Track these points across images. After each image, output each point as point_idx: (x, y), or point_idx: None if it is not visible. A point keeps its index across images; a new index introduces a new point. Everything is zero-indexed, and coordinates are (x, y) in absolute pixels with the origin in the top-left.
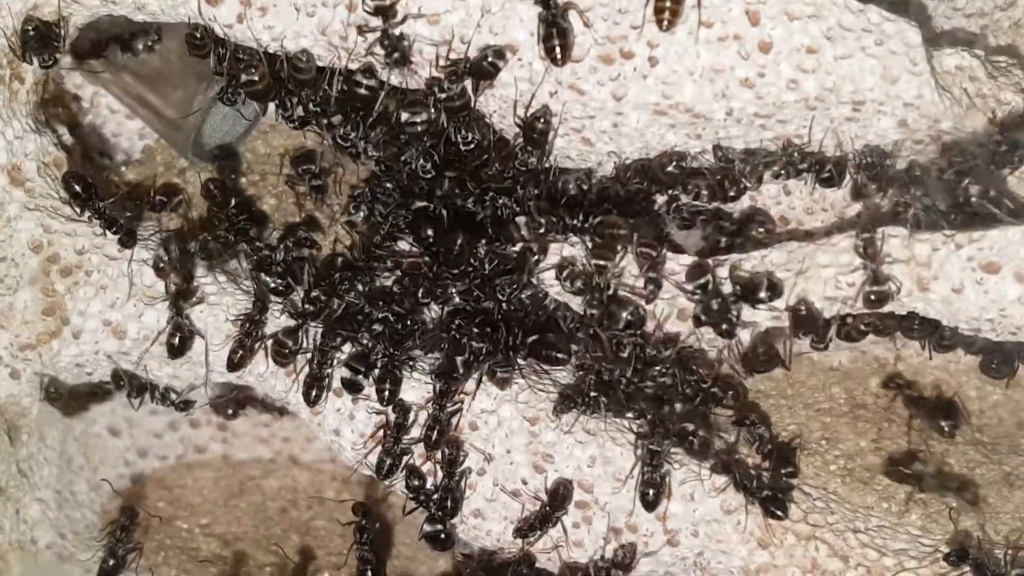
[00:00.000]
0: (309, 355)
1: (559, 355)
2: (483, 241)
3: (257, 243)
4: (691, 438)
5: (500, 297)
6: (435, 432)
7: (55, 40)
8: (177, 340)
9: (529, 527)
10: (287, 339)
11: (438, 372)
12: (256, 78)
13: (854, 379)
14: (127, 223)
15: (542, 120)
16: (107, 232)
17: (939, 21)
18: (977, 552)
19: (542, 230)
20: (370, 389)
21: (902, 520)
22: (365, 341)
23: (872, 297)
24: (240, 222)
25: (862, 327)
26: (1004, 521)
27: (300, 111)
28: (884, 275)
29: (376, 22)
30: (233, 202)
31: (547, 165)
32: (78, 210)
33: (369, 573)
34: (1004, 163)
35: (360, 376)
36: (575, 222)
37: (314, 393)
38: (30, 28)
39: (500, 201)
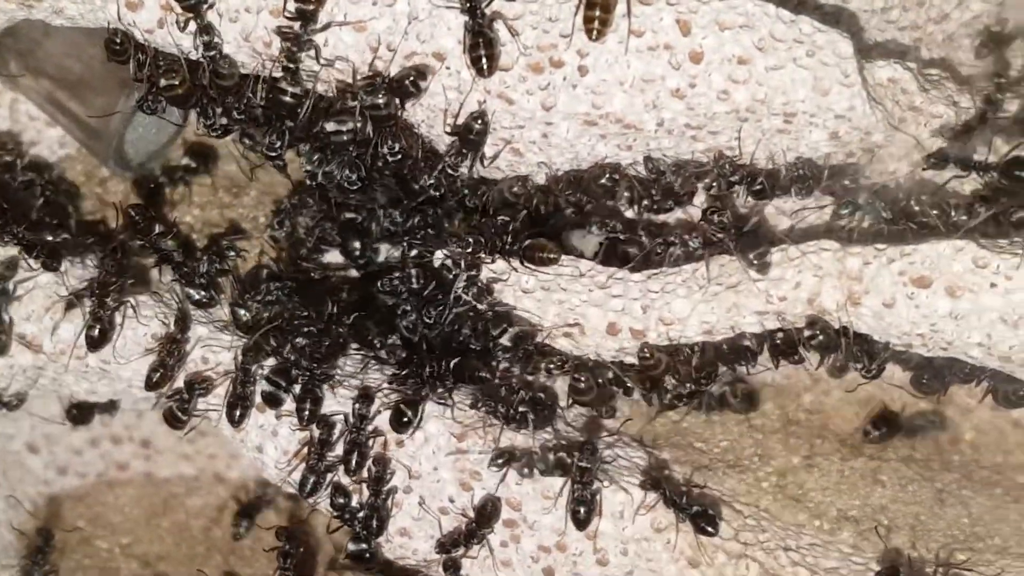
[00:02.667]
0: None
1: (484, 375)
2: (412, 253)
3: (184, 267)
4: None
5: (427, 320)
6: (354, 456)
7: None
8: (97, 332)
9: (452, 543)
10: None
11: (360, 395)
12: (176, 82)
13: (787, 395)
14: (49, 245)
15: (479, 121)
16: (28, 258)
17: (872, 33)
18: (908, 570)
19: (470, 249)
20: (293, 405)
21: (834, 538)
22: (288, 355)
23: None
24: (164, 248)
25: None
26: (935, 538)
27: (223, 119)
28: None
29: (296, 27)
30: (157, 229)
31: (477, 175)
32: None
33: None
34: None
35: (280, 391)
36: (503, 244)
37: (238, 413)
38: None
39: (430, 214)
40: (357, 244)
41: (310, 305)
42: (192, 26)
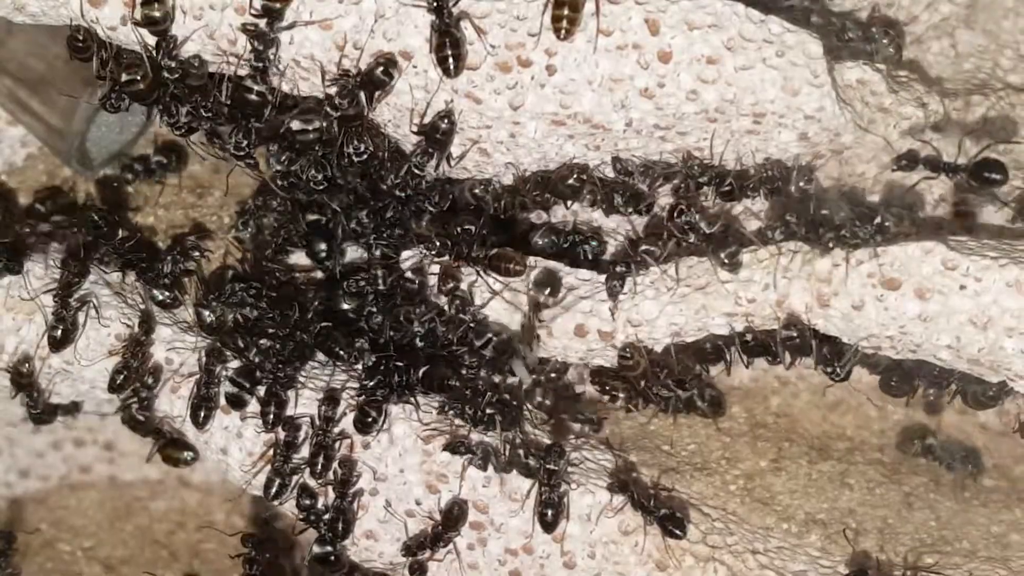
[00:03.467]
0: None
1: (452, 383)
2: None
3: (148, 270)
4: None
5: (398, 326)
6: (320, 459)
7: None
8: (60, 333)
9: (418, 545)
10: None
11: (326, 397)
12: (137, 77)
13: (754, 398)
14: (9, 247)
15: (446, 120)
16: None
17: (841, 33)
18: (876, 573)
19: (435, 252)
20: (258, 407)
21: (801, 541)
22: (252, 357)
23: None
24: (128, 253)
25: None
26: (903, 542)
27: (187, 118)
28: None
29: (262, 25)
30: (121, 234)
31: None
32: None
33: None
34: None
35: (244, 392)
36: (469, 251)
37: (202, 415)
38: None
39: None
40: (323, 246)
41: (279, 308)
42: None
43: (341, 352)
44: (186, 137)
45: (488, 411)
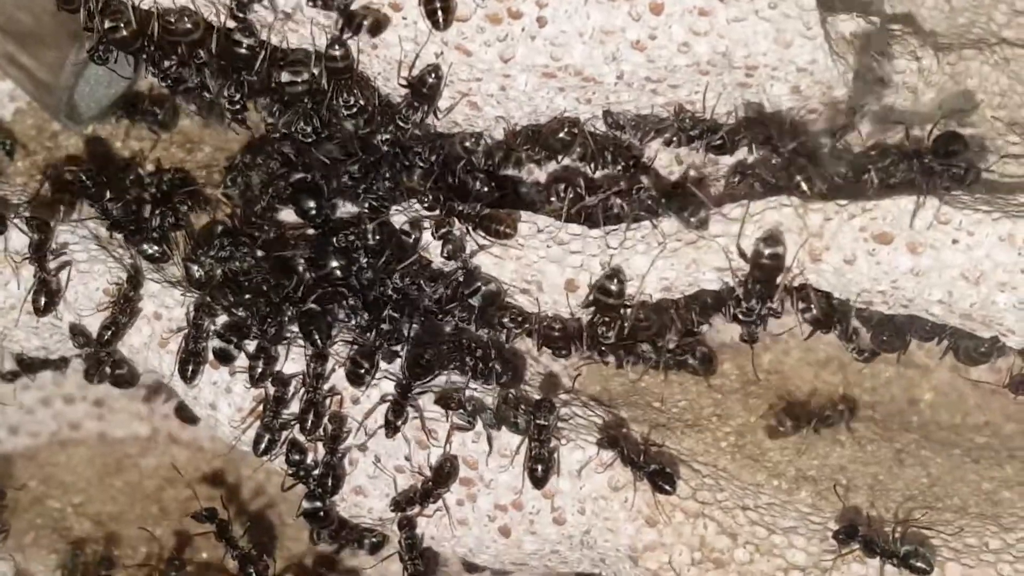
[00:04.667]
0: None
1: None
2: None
3: (136, 233)
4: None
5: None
6: (310, 416)
7: None
8: (43, 297)
9: (407, 501)
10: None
11: (315, 353)
12: (120, 24)
13: (745, 355)
14: None
15: (432, 75)
16: None
17: None
18: (866, 529)
19: (427, 206)
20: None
21: (792, 498)
22: (241, 313)
23: None
24: (116, 215)
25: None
26: (894, 499)
27: (175, 69)
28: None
29: None
30: (108, 194)
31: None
32: None
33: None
34: None
35: (232, 347)
36: (461, 208)
37: (190, 369)
38: None
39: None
40: (311, 203)
41: (271, 274)
42: None
43: (318, 339)
44: (174, 89)
45: (493, 365)
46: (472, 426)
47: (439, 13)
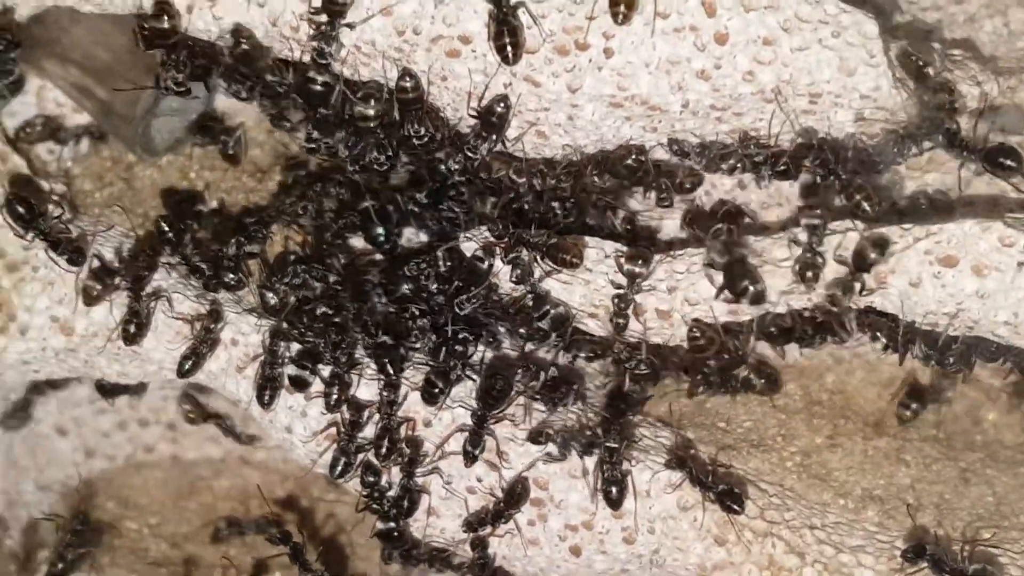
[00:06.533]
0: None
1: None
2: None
3: (212, 279)
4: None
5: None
6: (385, 442)
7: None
8: (133, 327)
9: (479, 521)
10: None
11: (387, 382)
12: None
13: (809, 375)
14: (74, 241)
15: (502, 104)
16: (53, 253)
17: (895, 14)
18: (934, 548)
19: (496, 235)
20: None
21: (859, 516)
22: (315, 340)
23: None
24: (194, 260)
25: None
26: (960, 517)
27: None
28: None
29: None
30: (188, 240)
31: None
32: (22, 231)
33: None
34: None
35: (307, 373)
36: (529, 237)
37: (267, 395)
38: None
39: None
40: (380, 229)
41: (348, 301)
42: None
43: (391, 371)
44: (247, 101)
45: (564, 390)
46: (565, 457)
47: (509, 48)
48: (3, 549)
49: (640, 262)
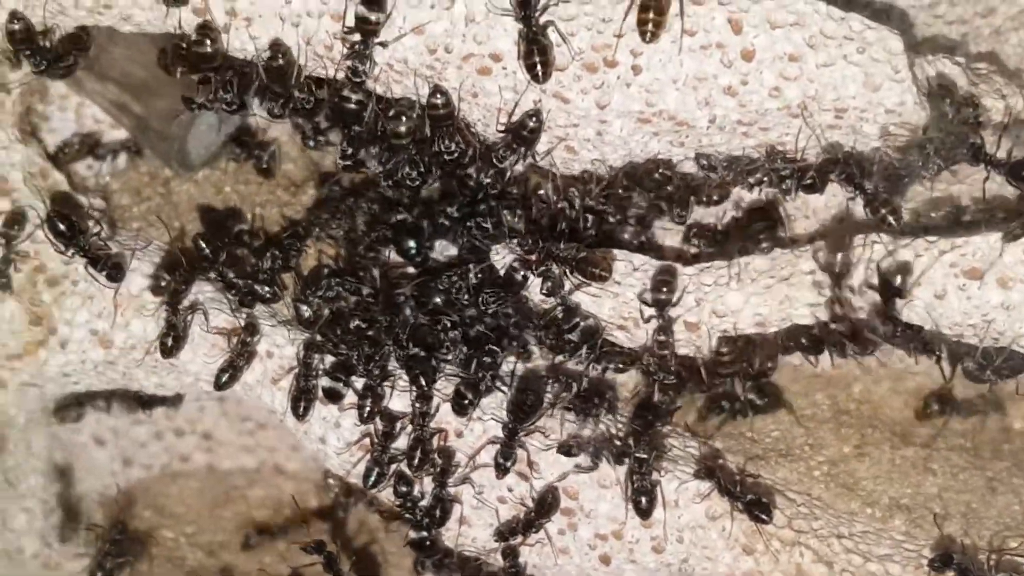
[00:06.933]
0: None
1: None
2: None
3: (247, 295)
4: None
5: (485, 313)
6: (418, 452)
7: (45, 47)
8: (171, 340)
9: (510, 531)
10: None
11: (419, 394)
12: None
13: (837, 385)
14: (113, 257)
15: (534, 119)
16: (92, 270)
17: (920, 28)
18: (961, 557)
19: (526, 248)
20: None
21: (886, 526)
22: (349, 353)
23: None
24: (228, 276)
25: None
26: (987, 526)
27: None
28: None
29: (355, 37)
30: (223, 256)
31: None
32: (63, 248)
33: None
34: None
35: (341, 385)
36: (558, 251)
37: (302, 407)
38: (16, 24)
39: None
40: (412, 242)
41: (382, 314)
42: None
43: (423, 383)
44: (277, 119)
45: (594, 402)
46: (596, 467)
47: (539, 67)
48: (41, 559)
49: (665, 290)
